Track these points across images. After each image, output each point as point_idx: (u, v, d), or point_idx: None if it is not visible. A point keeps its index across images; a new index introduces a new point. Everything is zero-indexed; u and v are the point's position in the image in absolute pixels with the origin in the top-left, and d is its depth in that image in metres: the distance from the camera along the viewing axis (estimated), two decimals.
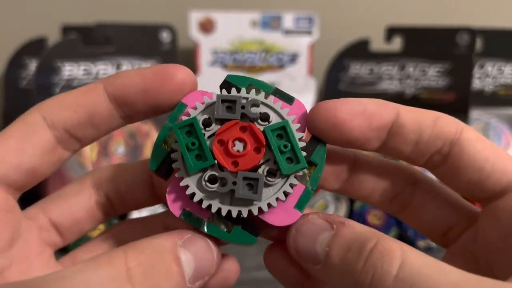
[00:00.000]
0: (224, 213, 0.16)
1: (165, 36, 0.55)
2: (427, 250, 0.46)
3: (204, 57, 0.59)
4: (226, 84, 0.18)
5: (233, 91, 0.18)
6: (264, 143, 0.17)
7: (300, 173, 0.17)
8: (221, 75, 0.59)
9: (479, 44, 0.56)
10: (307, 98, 0.60)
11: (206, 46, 0.58)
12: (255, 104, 0.17)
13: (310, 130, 0.18)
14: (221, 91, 0.18)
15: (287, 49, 0.59)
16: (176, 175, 0.17)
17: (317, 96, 0.60)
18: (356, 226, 0.16)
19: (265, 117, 0.17)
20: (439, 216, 0.20)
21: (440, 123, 0.18)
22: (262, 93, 0.18)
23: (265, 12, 0.59)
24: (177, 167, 0.17)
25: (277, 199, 0.17)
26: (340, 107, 0.17)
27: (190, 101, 0.18)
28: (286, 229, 0.18)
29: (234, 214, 0.16)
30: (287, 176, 0.17)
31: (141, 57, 0.54)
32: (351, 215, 0.50)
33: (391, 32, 0.55)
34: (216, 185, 0.16)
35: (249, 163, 0.17)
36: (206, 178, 0.16)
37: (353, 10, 0.68)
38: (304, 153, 0.17)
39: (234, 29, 0.58)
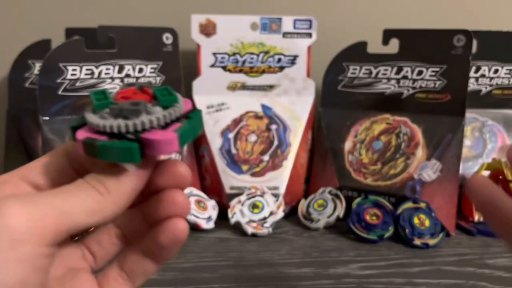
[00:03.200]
0: (115, 124, 0.20)
1: (167, 38, 0.56)
2: (424, 249, 0.47)
3: (205, 59, 0.59)
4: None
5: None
6: (152, 95, 0.22)
7: (177, 110, 0.21)
8: (221, 76, 0.60)
9: (474, 45, 0.57)
10: (307, 99, 0.60)
11: (207, 48, 0.59)
12: (150, 83, 0.24)
13: None
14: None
15: (287, 51, 0.60)
16: (85, 114, 0.21)
17: (316, 97, 0.61)
18: None
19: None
20: None
21: None
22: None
23: (265, 15, 0.59)
24: (87, 113, 0.21)
25: (156, 118, 0.21)
26: None
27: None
28: (168, 170, 0.22)
29: (122, 124, 0.20)
30: (165, 108, 0.21)
31: (143, 59, 0.55)
32: (350, 214, 0.51)
33: (388, 34, 0.56)
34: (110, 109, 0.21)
35: (137, 99, 0.22)
36: (105, 111, 0.21)
37: (352, 14, 0.69)
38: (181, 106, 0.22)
39: (234, 31, 0.59)
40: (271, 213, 0.52)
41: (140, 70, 0.55)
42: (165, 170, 0.22)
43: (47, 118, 0.49)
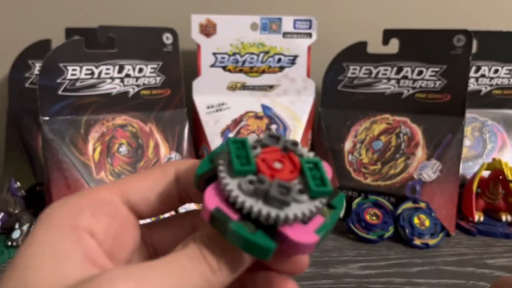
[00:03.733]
0: (255, 209, 0.18)
1: (167, 38, 0.56)
2: (424, 249, 0.47)
3: (205, 59, 0.59)
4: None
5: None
6: (299, 168, 0.19)
7: (324, 201, 0.19)
8: (222, 76, 0.60)
9: (474, 45, 0.57)
10: (306, 99, 0.61)
11: (207, 48, 0.59)
12: (295, 143, 0.20)
13: None
14: None
15: (287, 51, 0.60)
16: (220, 175, 0.19)
17: (315, 97, 0.61)
18: None
19: (300, 154, 0.20)
20: None
21: None
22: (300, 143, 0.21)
23: (265, 15, 0.59)
24: (222, 169, 0.19)
25: (302, 213, 0.18)
26: None
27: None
28: (290, 259, 0.20)
29: (264, 212, 0.18)
30: (314, 199, 0.19)
31: (143, 59, 0.55)
32: (349, 213, 0.51)
33: (389, 34, 0.56)
34: (254, 185, 0.18)
35: (284, 177, 0.19)
36: (246, 180, 0.19)
37: (352, 14, 0.69)
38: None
39: (234, 31, 0.59)
40: None
41: (140, 70, 0.55)
42: (284, 255, 0.20)
43: (47, 118, 0.49)
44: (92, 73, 0.52)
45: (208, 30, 0.59)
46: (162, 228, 0.23)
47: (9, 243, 0.46)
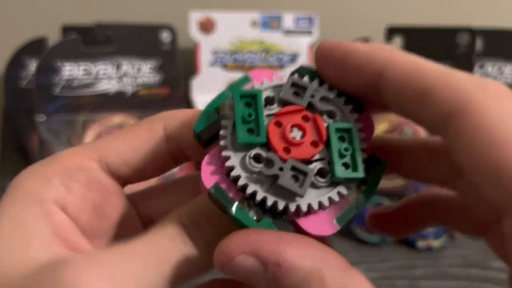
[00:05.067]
0: (259, 198, 0.15)
1: (165, 36, 0.55)
2: (427, 251, 0.46)
3: (204, 57, 0.59)
4: (298, 73, 0.17)
5: (305, 79, 0.16)
6: (324, 140, 0.15)
7: (351, 186, 0.16)
8: (221, 75, 0.59)
9: (479, 44, 0.56)
10: None
11: (206, 46, 0.58)
12: (325, 98, 0.16)
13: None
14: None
15: (287, 49, 0.59)
16: (220, 143, 0.15)
17: None
18: (295, 271, 0.14)
19: (331, 115, 0.16)
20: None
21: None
22: (335, 90, 0.16)
23: (265, 12, 0.59)
24: (224, 135, 0.15)
25: (319, 203, 0.15)
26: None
27: (257, 77, 0.17)
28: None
29: (269, 202, 0.15)
30: (337, 183, 0.15)
31: (141, 57, 0.54)
32: None
33: (391, 32, 0.56)
34: (261, 165, 0.15)
35: (302, 154, 0.15)
36: (252, 155, 0.15)
37: (353, 11, 0.68)
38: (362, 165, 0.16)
39: (234, 29, 0.58)
40: None
41: (138, 69, 0.54)
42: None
43: (44, 117, 0.48)
44: (90, 72, 0.51)
45: (207, 27, 0.58)
46: (158, 197, 0.21)
47: None
